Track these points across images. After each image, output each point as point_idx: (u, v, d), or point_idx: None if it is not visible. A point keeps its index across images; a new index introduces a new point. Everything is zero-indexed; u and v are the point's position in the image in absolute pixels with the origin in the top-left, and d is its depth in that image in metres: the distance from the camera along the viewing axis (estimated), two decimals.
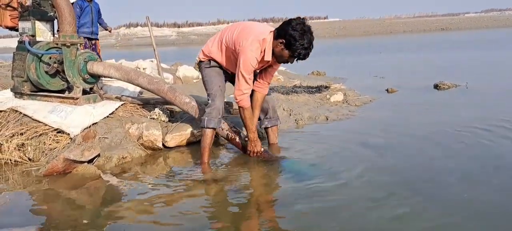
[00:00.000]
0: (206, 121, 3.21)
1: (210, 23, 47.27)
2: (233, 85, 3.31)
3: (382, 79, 7.93)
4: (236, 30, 3.17)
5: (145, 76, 3.77)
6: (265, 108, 3.57)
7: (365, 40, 25.59)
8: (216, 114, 3.21)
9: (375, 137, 3.82)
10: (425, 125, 4.17)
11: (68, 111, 3.56)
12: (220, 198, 2.63)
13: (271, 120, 3.62)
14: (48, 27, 3.91)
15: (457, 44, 17.57)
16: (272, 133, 3.65)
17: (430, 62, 11.33)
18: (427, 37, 25.06)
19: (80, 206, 2.56)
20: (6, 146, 3.32)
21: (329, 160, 3.21)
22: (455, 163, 3.07)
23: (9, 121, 3.51)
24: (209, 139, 3.24)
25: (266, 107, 3.58)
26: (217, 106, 3.22)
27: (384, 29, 38.24)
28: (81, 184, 2.89)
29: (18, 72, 3.84)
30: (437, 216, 2.21)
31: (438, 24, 39.47)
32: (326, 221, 2.21)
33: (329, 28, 40.06)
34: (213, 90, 3.31)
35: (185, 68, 7.29)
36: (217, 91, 3.29)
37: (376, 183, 2.71)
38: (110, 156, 3.29)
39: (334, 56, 14.50)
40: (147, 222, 2.35)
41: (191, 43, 36.38)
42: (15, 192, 2.82)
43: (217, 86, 3.32)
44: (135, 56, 9.52)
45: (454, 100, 5.58)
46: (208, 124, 3.20)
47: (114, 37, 40.32)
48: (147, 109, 4.04)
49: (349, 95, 5.84)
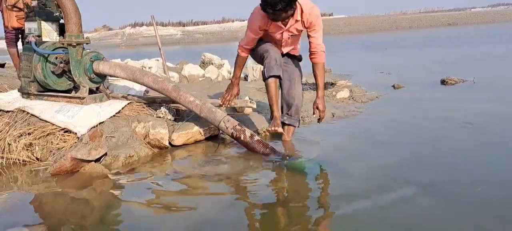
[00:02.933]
0: (266, 71, 3.41)
1: (215, 22, 47.29)
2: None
3: (388, 75, 7.89)
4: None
5: (150, 75, 3.78)
6: (290, 103, 3.65)
7: (370, 37, 25.48)
8: (274, 63, 3.40)
9: (382, 134, 3.79)
10: (433, 121, 4.15)
11: (75, 111, 3.58)
12: (228, 195, 2.63)
13: (290, 118, 3.67)
14: (54, 28, 3.93)
15: (464, 39, 17.43)
16: (286, 132, 3.67)
17: (436, 57, 11.25)
18: (434, 33, 24.89)
19: (88, 205, 2.57)
20: (14, 145, 3.35)
21: (335, 157, 3.20)
22: (466, 158, 3.04)
23: (16, 121, 3.54)
24: (274, 89, 3.45)
25: (291, 103, 3.65)
26: (272, 55, 3.43)
27: (390, 25, 38.02)
28: (88, 183, 2.90)
29: (25, 73, 3.86)
30: (451, 213, 2.19)
31: (445, 19, 39.18)
32: (334, 220, 2.20)
33: (335, 25, 39.89)
34: (263, 48, 3.51)
35: (190, 67, 7.29)
36: (268, 46, 3.51)
37: (385, 180, 2.69)
38: (117, 155, 3.30)
39: (339, 53, 14.44)
40: (154, 220, 2.35)
41: (196, 42, 36.44)
42: (24, 191, 2.84)
43: (267, 44, 3.54)
44: (141, 56, 9.55)
45: (462, 96, 5.53)
46: (269, 72, 3.40)
47: (120, 37, 40.51)
48: (153, 108, 4.05)
49: (355, 92, 5.81)
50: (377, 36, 26.12)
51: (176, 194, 2.66)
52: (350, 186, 2.61)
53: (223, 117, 3.46)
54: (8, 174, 3.17)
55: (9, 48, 4.88)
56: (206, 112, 3.52)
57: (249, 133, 3.39)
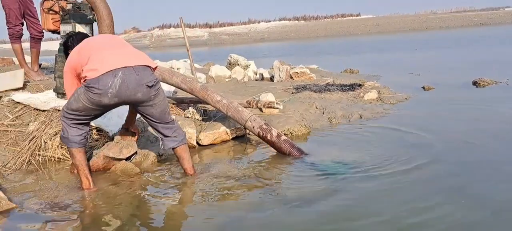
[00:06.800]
0: None
1: (241, 23, 47.50)
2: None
3: (417, 76, 7.72)
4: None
5: (179, 75, 3.85)
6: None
7: (399, 37, 24.96)
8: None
9: (411, 136, 3.73)
10: (465, 123, 4.04)
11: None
12: (255, 196, 2.65)
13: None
14: (87, 30, 4.06)
15: (497, 40, 16.84)
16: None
17: (468, 58, 10.92)
18: (465, 33, 24.14)
19: (119, 202, 2.64)
20: (50, 143, 3.48)
21: (363, 159, 3.17)
22: (500, 161, 2.95)
23: (52, 119, 3.68)
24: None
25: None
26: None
27: (420, 25, 37.13)
28: (120, 181, 2.99)
29: (60, 74, 4.00)
30: (483, 216, 2.14)
31: (477, 19, 37.93)
32: (360, 223, 2.18)
33: (362, 25, 39.34)
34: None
35: (217, 68, 7.37)
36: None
37: (415, 183, 2.65)
38: (147, 154, 3.38)
39: (367, 54, 14.23)
40: (182, 218, 2.40)
41: (222, 43, 36.72)
42: (58, 188, 2.94)
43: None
44: (169, 57, 9.72)
45: (495, 98, 5.35)
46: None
47: (148, 39, 41.28)
48: (181, 108, 4.12)
49: (383, 93, 5.72)
50: (406, 36, 25.58)
51: (204, 193, 2.70)
52: (377, 188, 2.59)
53: (250, 116, 3.49)
54: (44, 171, 3.29)
55: (13, 43, 4.80)
56: (233, 112, 3.56)
57: (275, 133, 3.40)
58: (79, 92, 2.63)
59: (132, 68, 2.61)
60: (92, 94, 2.55)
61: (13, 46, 4.81)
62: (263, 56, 16.15)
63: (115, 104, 2.67)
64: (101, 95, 2.54)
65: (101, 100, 2.57)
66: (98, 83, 2.52)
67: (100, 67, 2.55)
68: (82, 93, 2.60)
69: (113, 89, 2.53)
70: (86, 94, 2.57)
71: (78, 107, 2.65)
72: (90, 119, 2.79)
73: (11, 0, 4.54)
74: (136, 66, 2.63)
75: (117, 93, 2.55)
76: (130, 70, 2.59)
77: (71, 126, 2.72)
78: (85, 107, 2.63)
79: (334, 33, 36.26)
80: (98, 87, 2.52)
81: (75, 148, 2.76)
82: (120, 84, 2.55)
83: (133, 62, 2.64)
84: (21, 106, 3.86)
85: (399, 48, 15.79)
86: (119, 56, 2.64)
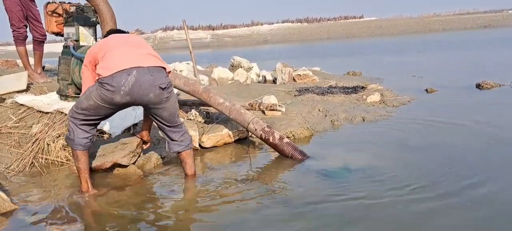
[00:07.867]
0: None
1: (244, 25, 47.53)
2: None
3: (420, 79, 7.70)
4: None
5: (181, 78, 3.86)
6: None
7: (402, 39, 24.91)
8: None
9: (414, 139, 3.72)
10: (468, 126, 4.02)
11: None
12: (255, 198, 2.64)
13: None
14: (91, 32, 4.07)
15: (500, 42, 16.78)
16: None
17: (471, 61, 10.88)
18: (469, 35, 24.06)
19: (122, 205, 2.64)
20: (53, 146, 3.49)
21: (366, 162, 3.16)
22: (503, 166, 2.94)
23: (55, 122, 3.69)
24: None
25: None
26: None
27: (423, 27, 37.04)
28: (123, 184, 2.99)
29: (63, 76, 4.02)
30: (487, 220, 2.13)
31: (480, 21, 37.81)
32: (362, 227, 2.18)
33: (365, 27, 39.29)
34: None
35: (219, 70, 7.38)
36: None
37: (419, 186, 2.64)
38: (149, 156, 3.38)
39: (370, 56, 14.21)
40: (185, 221, 2.40)
41: (225, 45, 36.76)
42: (61, 190, 2.95)
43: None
44: (172, 59, 9.74)
45: (498, 101, 5.33)
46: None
47: (151, 41, 41.37)
48: (184, 110, 4.13)
49: (386, 96, 5.71)
50: (409, 38, 25.53)
51: (205, 195, 2.70)
52: (380, 191, 2.58)
53: (252, 119, 3.49)
54: (47, 174, 3.30)
55: (18, 46, 4.79)
56: (235, 114, 3.56)
57: (278, 135, 3.40)
58: (91, 89, 2.66)
59: (147, 69, 2.62)
60: (105, 90, 2.56)
61: (17, 48, 4.82)
62: (266, 58, 16.16)
63: (126, 104, 2.68)
64: (114, 93, 2.56)
65: (113, 98, 2.58)
66: (111, 80, 2.54)
67: (115, 65, 2.57)
68: (95, 90, 2.62)
69: (126, 87, 2.55)
70: (98, 91, 2.59)
71: (89, 106, 2.66)
72: (99, 119, 2.80)
73: (13, 3, 4.56)
74: (150, 67, 2.65)
75: (129, 91, 2.56)
76: (145, 70, 2.61)
77: (79, 126, 2.74)
78: (96, 105, 2.64)
79: (337, 35, 36.24)
80: (112, 84, 2.54)
81: (79, 150, 2.77)
82: (133, 83, 2.56)
83: (148, 63, 2.66)
84: (24, 108, 3.87)
85: (402, 51, 15.76)
86: (134, 56, 2.65)
